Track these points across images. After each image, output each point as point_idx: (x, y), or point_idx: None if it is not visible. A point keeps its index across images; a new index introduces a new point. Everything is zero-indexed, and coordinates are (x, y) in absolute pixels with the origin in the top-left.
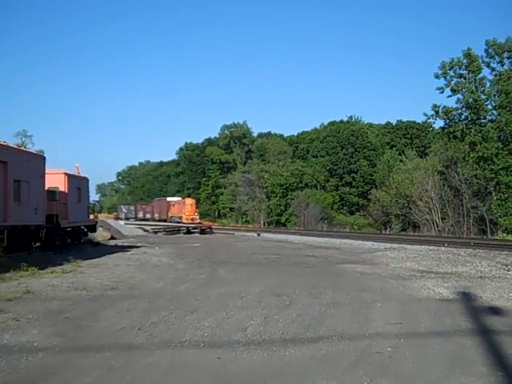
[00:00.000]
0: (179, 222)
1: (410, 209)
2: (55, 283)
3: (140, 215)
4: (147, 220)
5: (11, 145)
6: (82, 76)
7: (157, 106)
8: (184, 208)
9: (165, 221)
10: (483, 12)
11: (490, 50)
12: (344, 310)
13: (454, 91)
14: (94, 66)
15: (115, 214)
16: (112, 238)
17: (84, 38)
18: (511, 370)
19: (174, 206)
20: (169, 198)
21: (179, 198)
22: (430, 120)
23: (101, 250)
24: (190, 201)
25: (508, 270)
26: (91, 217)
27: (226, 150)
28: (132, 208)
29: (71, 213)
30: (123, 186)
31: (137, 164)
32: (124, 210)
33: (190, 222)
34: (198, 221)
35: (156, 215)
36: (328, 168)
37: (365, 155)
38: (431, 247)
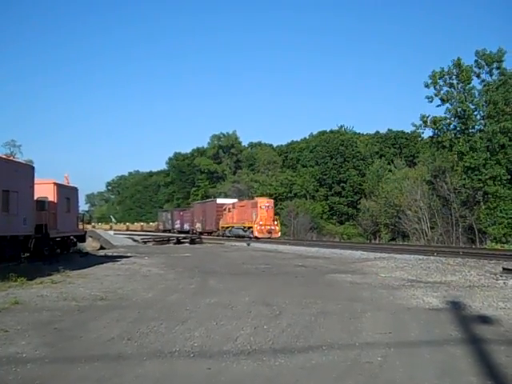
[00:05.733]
0: (244, 237)
1: (399, 218)
2: (44, 294)
3: (177, 225)
4: (187, 232)
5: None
6: (72, 87)
7: (146, 116)
8: (256, 214)
9: (210, 234)
10: (475, 21)
11: (479, 61)
12: (334, 319)
13: (443, 101)
14: (84, 78)
15: (156, 224)
16: (101, 248)
17: (73, 50)
18: (501, 380)
19: (230, 211)
20: (220, 200)
21: (234, 200)
22: (419, 130)
23: (90, 260)
24: (264, 201)
25: (497, 279)
26: (80, 226)
27: (215, 159)
28: (169, 216)
29: (60, 223)
30: (113, 196)
31: (126, 174)
32: (163, 218)
33: (267, 235)
34: (279, 235)
35: (197, 225)
36: (317, 178)
37: (354, 165)
38: (420, 256)
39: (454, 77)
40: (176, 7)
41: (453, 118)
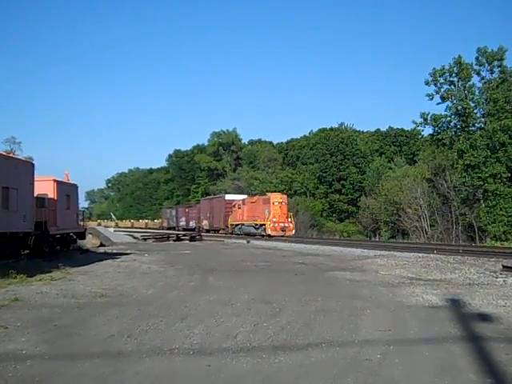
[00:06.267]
0: (255, 235)
1: (399, 216)
2: (44, 291)
3: (182, 222)
4: (192, 230)
5: None
6: (73, 84)
7: (146, 113)
8: (269, 210)
9: (217, 231)
10: (476, 19)
11: (480, 58)
12: (334, 317)
13: (443, 98)
14: (84, 75)
15: (159, 222)
16: (101, 245)
17: (73, 48)
18: (501, 377)
19: (239, 207)
20: (229, 196)
21: (244, 197)
22: (419, 128)
23: (90, 257)
24: (278, 197)
25: (496, 277)
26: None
27: (214, 156)
28: (173, 213)
29: (60, 220)
30: (113, 193)
31: (126, 171)
32: (167, 216)
33: (281, 233)
34: (293, 233)
35: (204, 222)
36: (317, 175)
37: (354, 162)
38: (420, 254)
39: (454, 74)
40: (176, 5)
41: (453, 116)
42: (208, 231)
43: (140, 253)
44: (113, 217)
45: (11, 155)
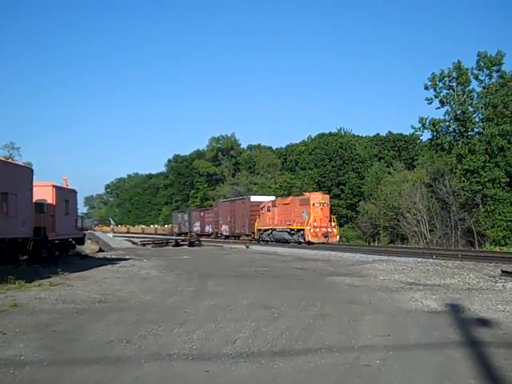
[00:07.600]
0: (289, 242)
1: (398, 221)
2: (43, 296)
3: (196, 227)
4: (208, 236)
5: None
6: (71, 89)
7: (145, 118)
8: (308, 213)
9: (238, 237)
10: (476, 23)
11: (480, 63)
12: (333, 322)
13: (442, 103)
14: (83, 80)
15: (169, 227)
16: (100, 250)
17: (73, 53)
18: (500, 383)
19: (269, 210)
20: (254, 198)
21: (273, 198)
22: (418, 132)
23: (89, 262)
24: (319, 197)
25: (496, 282)
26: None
27: (213, 162)
28: (186, 217)
29: (59, 225)
30: (112, 199)
31: (125, 176)
32: (179, 220)
33: (323, 240)
34: (338, 239)
35: (224, 227)
36: (316, 180)
37: (353, 167)
38: (419, 259)
39: (453, 79)
40: (175, 9)
41: (452, 121)
42: (228, 237)
43: (139, 258)
44: (112, 222)
45: (10, 160)
